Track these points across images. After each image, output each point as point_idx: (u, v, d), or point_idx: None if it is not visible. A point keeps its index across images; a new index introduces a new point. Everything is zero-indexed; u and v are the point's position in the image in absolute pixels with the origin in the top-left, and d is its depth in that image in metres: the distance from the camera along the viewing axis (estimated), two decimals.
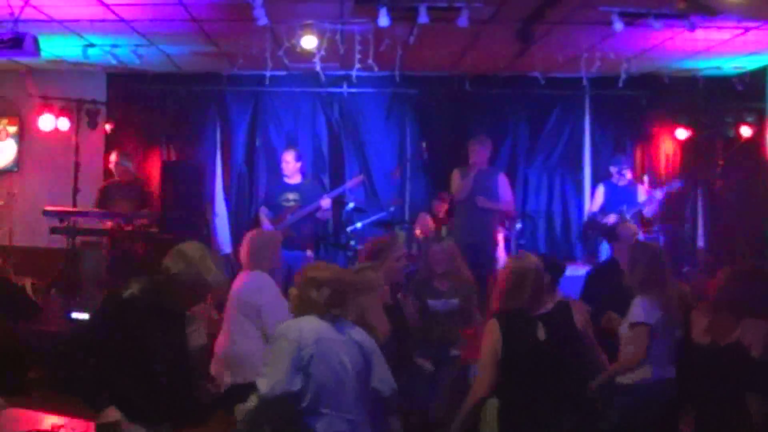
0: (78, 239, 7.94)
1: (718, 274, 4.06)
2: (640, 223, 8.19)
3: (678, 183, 8.33)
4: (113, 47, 7.74)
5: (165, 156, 9.38)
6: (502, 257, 8.39)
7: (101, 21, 6.71)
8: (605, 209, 8.30)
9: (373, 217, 8.64)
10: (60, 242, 8.11)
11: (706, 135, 9.26)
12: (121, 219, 7.81)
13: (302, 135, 9.48)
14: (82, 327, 4.99)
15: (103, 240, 8.08)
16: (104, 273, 7.73)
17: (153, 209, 8.11)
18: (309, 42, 7.02)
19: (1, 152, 9.22)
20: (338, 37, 7.04)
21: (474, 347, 5.77)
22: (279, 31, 7.00)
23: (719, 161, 9.18)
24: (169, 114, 9.31)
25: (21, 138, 9.17)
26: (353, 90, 9.19)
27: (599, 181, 8.82)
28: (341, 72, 8.65)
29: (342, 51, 7.32)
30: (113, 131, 9.18)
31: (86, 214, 8.01)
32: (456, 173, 8.13)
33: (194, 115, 9.44)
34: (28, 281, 7.50)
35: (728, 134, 8.97)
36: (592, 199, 8.71)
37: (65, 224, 7.77)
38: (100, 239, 8.09)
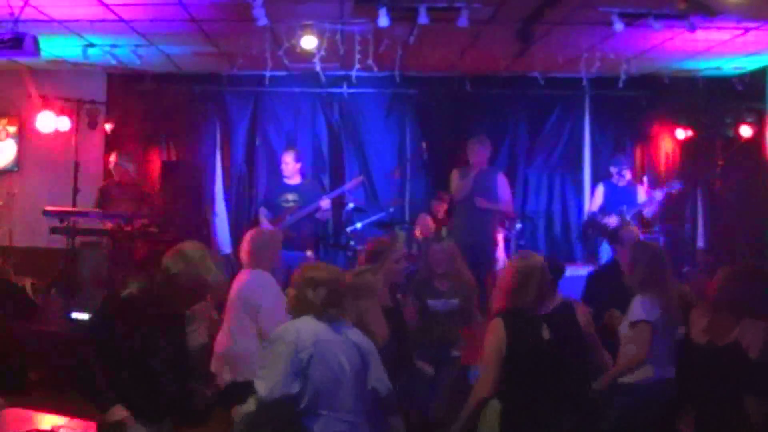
0: (78, 239, 7.94)
1: (717, 274, 4.05)
2: (640, 224, 8.18)
3: (678, 184, 8.32)
4: (113, 47, 7.73)
5: (165, 156, 9.38)
6: (502, 258, 8.39)
7: (101, 21, 6.71)
8: (605, 209, 8.29)
9: (373, 218, 8.64)
10: (60, 242, 8.10)
11: (706, 135, 9.26)
12: (121, 219, 7.81)
13: (302, 135, 9.48)
14: (85, 328, 4.99)
15: (103, 240, 8.07)
16: (104, 273, 7.72)
17: (153, 210, 8.10)
18: (309, 42, 7.02)
19: (1, 152, 9.21)
20: (338, 38, 7.03)
21: (474, 348, 5.78)
22: (279, 32, 7.00)
23: (719, 161, 9.17)
24: (169, 114, 9.29)
25: (21, 138, 9.16)
26: (353, 90, 9.19)
27: (599, 181, 8.82)
28: (341, 72, 8.64)
29: (342, 51, 7.32)
30: (113, 131, 9.17)
31: (86, 215, 8.00)
32: (455, 173, 8.12)
33: (194, 115, 9.43)
34: (28, 281, 7.49)
35: (728, 134, 8.97)
36: (592, 199, 8.69)
37: (65, 224, 7.76)
38: (100, 239, 8.09)
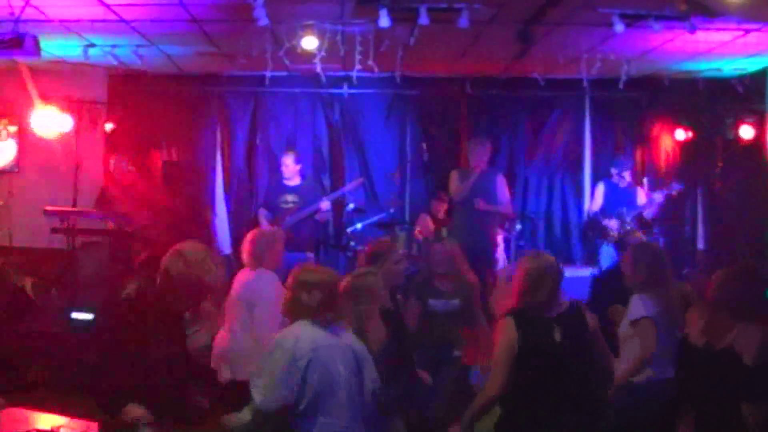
0: (78, 239, 7.94)
1: (716, 274, 4.05)
2: (640, 225, 8.19)
3: (678, 185, 8.32)
4: (114, 47, 7.72)
5: (165, 156, 9.37)
6: (502, 258, 8.40)
7: (102, 21, 6.71)
8: (605, 210, 8.29)
9: (373, 218, 8.64)
10: (60, 242, 8.10)
11: (706, 136, 9.27)
12: (122, 219, 7.81)
13: (302, 136, 9.47)
14: (86, 331, 5.01)
15: (104, 240, 8.07)
16: (104, 273, 7.73)
17: (153, 210, 8.11)
18: (309, 43, 7.02)
19: (2, 152, 9.21)
20: (339, 38, 7.03)
21: (475, 348, 5.79)
22: (279, 32, 6.99)
23: (719, 163, 9.19)
24: (170, 114, 9.29)
25: (21, 138, 9.15)
26: (353, 91, 9.17)
27: (599, 180, 8.82)
28: (342, 73, 8.64)
29: (342, 52, 7.31)
30: (114, 131, 9.16)
31: (87, 215, 8.01)
32: (454, 174, 8.12)
33: (194, 116, 9.43)
34: (29, 281, 7.49)
35: (728, 136, 8.98)
36: (592, 198, 8.69)
37: (65, 224, 7.77)
38: (101, 239, 8.09)
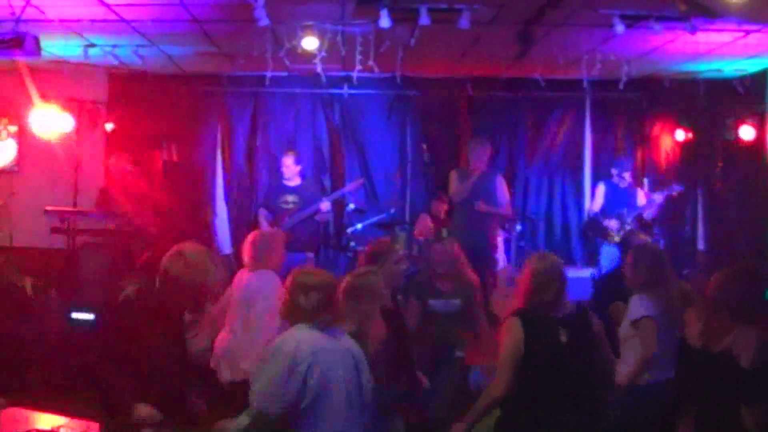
0: (78, 239, 7.94)
1: (715, 275, 4.05)
2: (640, 226, 8.19)
3: (678, 186, 8.32)
4: (114, 47, 7.72)
5: (165, 156, 9.35)
6: (502, 259, 8.40)
7: (102, 21, 6.71)
8: (606, 211, 8.29)
9: (374, 219, 8.65)
10: (60, 242, 8.10)
11: (707, 137, 9.26)
12: (122, 219, 7.81)
13: (303, 136, 9.47)
14: (87, 333, 5.02)
15: (104, 240, 8.07)
16: (104, 273, 7.73)
17: (153, 210, 8.11)
18: (310, 43, 7.01)
19: (2, 152, 9.21)
20: (339, 39, 7.02)
21: (475, 349, 5.79)
22: (280, 32, 6.99)
23: (719, 163, 9.18)
24: (170, 114, 9.29)
25: (22, 138, 9.15)
26: (354, 91, 9.17)
27: (599, 180, 8.83)
28: (342, 73, 8.63)
29: (343, 52, 7.31)
30: (114, 131, 9.15)
31: (87, 215, 8.01)
32: (454, 174, 8.13)
33: (195, 116, 9.43)
34: (29, 281, 7.49)
35: (728, 136, 8.97)
36: (593, 198, 8.70)
37: (66, 224, 7.77)
38: (101, 239, 8.09)
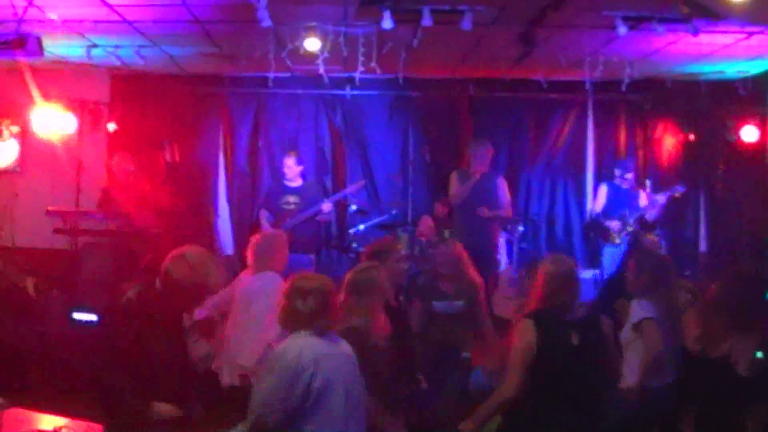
0: (80, 240, 7.94)
1: (716, 277, 4.06)
2: (642, 228, 8.18)
3: (681, 188, 8.31)
4: (116, 48, 7.74)
5: (168, 157, 9.34)
6: (504, 260, 8.39)
7: (105, 22, 6.72)
8: (608, 212, 8.28)
9: (376, 220, 8.65)
10: (62, 243, 8.10)
11: (709, 139, 9.25)
12: (124, 220, 7.81)
13: (305, 137, 9.47)
14: (90, 338, 5.02)
15: (106, 241, 8.07)
16: (106, 274, 7.73)
17: (155, 211, 8.10)
18: (312, 44, 7.02)
19: (4, 153, 9.22)
20: (342, 40, 7.03)
21: (478, 350, 5.78)
22: (282, 33, 7.00)
23: (721, 165, 9.17)
24: (172, 115, 9.29)
25: (24, 138, 9.16)
26: (356, 92, 9.17)
27: (601, 181, 8.83)
28: (344, 74, 8.63)
29: (345, 53, 7.31)
30: (116, 132, 9.16)
31: (89, 215, 8.01)
32: (454, 176, 8.12)
33: (197, 117, 9.44)
34: (31, 281, 7.49)
35: (730, 138, 8.96)
36: (595, 199, 8.69)
37: (68, 225, 7.77)
38: (103, 240, 8.08)
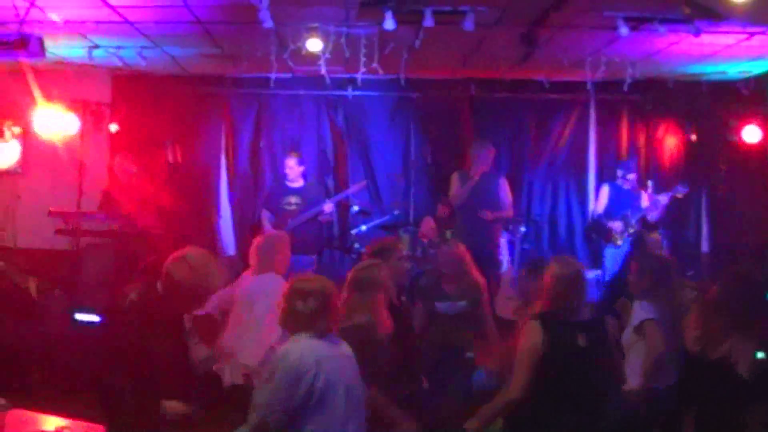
0: (82, 241, 7.94)
1: (717, 277, 4.05)
2: (644, 228, 8.17)
3: (683, 188, 8.31)
4: (118, 49, 7.74)
5: (169, 158, 9.36)
6: (505, 261, 8.39)
7: (106, 23, 6.72)
8: (609, 212, 8.28)
9: (378, 221, 8.64)
10: (64, 244, 8.11)
11: (711, 139, 9.25)
12: (126, 221, 7.81)
13: (307, 138, 9.47)
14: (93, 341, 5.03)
15: (108, 242, 8.07)
16: (108, 275, 7.73)
17: (157, 211, 8.11)
18: (314, 45, 7.01)
19: (6, 154, 9.22)
20: (343, 41, 7.02)
21: (481, 351, 5.78)
22: (284, 34, 6.99)
23: (723, 165, 9.16)
24: (174, 116, 9.30)
25: (25, 139, 9.16)
26: (358, 93, 9.16)
27: (603, 182, 8.83)
28: (346, 75, 8.62)
29: (347, 54, 7.31)
30: (118, 133, 9.16)
31: (91, 216, 8.01)
32: (455, 177, 8.12)
33: (199, 117, 9.44)
34: (33, 282, 7.49)
35: (732, 138, 8.96)
36: (597, 199, 8.70)
37: (70, 226, 7.77)
38: (105, 241, 8.09)
